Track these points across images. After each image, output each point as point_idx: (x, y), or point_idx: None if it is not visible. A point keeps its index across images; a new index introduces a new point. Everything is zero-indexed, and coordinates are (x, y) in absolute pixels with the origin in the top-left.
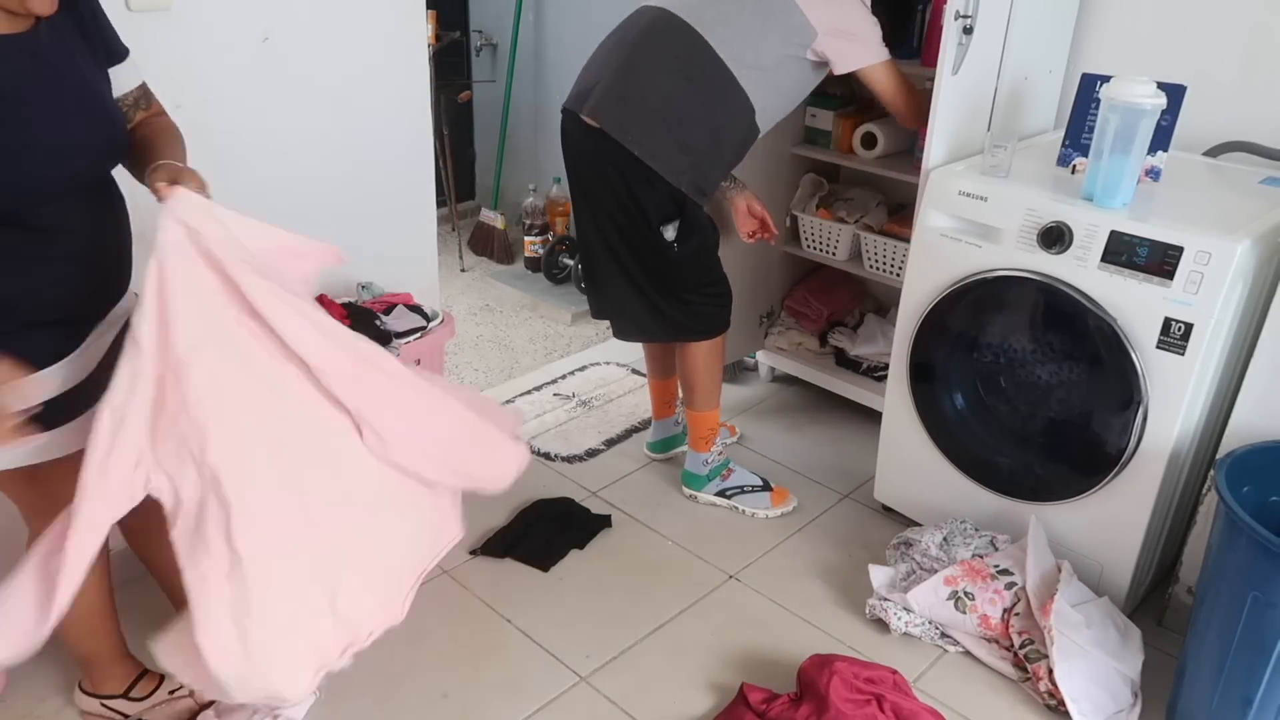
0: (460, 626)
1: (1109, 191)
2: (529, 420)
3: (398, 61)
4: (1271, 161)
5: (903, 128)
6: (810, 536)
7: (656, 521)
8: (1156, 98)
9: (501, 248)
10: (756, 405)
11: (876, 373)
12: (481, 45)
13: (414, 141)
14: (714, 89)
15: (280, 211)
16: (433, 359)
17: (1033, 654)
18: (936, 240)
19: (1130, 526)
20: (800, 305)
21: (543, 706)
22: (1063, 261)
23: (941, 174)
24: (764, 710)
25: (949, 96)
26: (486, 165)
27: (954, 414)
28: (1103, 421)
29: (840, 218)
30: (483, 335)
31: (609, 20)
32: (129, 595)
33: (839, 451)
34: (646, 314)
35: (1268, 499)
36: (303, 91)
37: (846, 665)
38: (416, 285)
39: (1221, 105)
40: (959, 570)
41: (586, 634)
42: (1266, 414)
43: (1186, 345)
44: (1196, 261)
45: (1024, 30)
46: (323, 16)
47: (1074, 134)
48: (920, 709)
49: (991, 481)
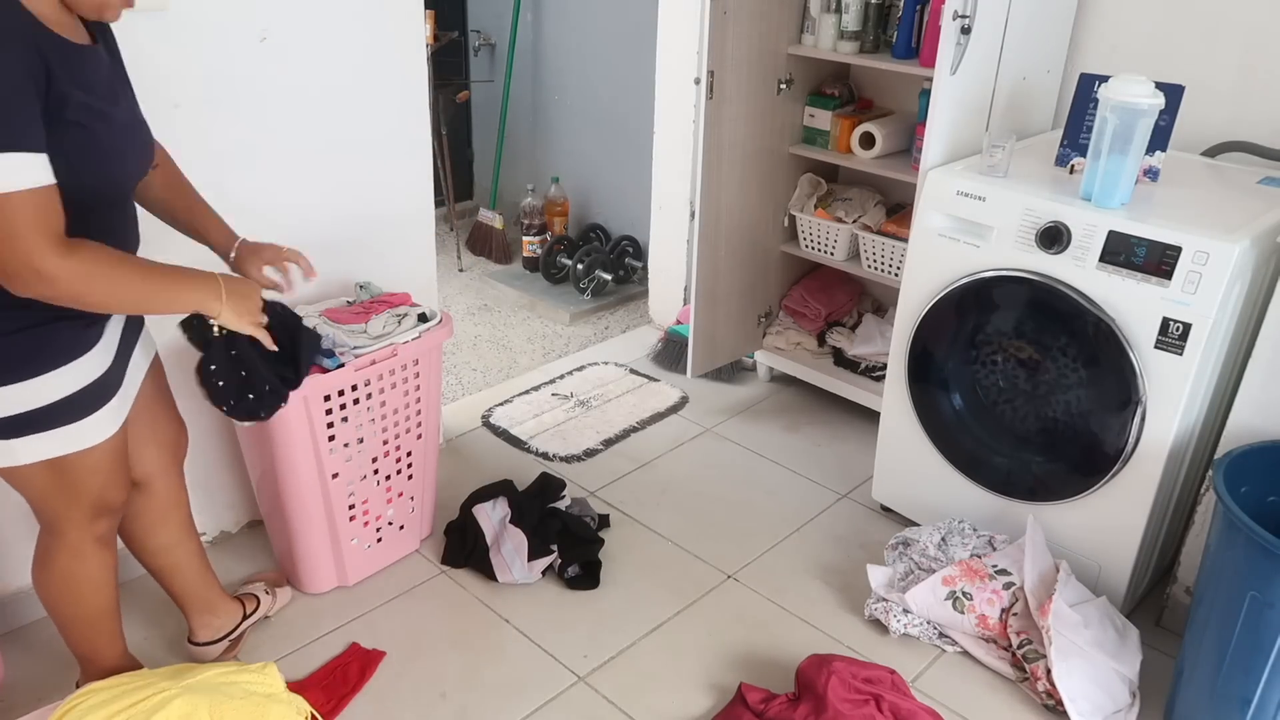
0: (459, 626)
1: (1107, 191)
2: (528, 420)
3: (396, 61)
4: (1270, 161)
5: (901, 127)
6: (808, 536)
7: (655, 521)
8: (1155, 98)
9: (499, 248)
10: (754, 405)
11: (875, 372)
12: (480, 45)
13: (412, 141)
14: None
15: (278, 211)
16: (431, 359)
17: (1031, 654)
18: (935, 240)
19: (1128, 526)
20: (798, 305)
21: (541, 706)
22: (1061, 261)
23: (940, 174)
24: (762, 710)
25: (947, 96)
26: (485, 165)
27: (952, 414)
28: (1101, 421)
29: (838, 217)
30: (481, 335)
31: (608, 20)
32: (128, 595)
33: (837, 451)
34: None
35: (1266, 499)
36: (301, 91)
37: (845, 665)
38: (414, 285)
39: (1220, 105)
40: (957, 570)
41: (585, 634)
42: (1264, 414)
43: (1185, 345)
44: (1195, 261)
45: (1022, 30)
46: (321, 16)
47: (1072, 134)
48: (918, 709)
49: (990, 481)
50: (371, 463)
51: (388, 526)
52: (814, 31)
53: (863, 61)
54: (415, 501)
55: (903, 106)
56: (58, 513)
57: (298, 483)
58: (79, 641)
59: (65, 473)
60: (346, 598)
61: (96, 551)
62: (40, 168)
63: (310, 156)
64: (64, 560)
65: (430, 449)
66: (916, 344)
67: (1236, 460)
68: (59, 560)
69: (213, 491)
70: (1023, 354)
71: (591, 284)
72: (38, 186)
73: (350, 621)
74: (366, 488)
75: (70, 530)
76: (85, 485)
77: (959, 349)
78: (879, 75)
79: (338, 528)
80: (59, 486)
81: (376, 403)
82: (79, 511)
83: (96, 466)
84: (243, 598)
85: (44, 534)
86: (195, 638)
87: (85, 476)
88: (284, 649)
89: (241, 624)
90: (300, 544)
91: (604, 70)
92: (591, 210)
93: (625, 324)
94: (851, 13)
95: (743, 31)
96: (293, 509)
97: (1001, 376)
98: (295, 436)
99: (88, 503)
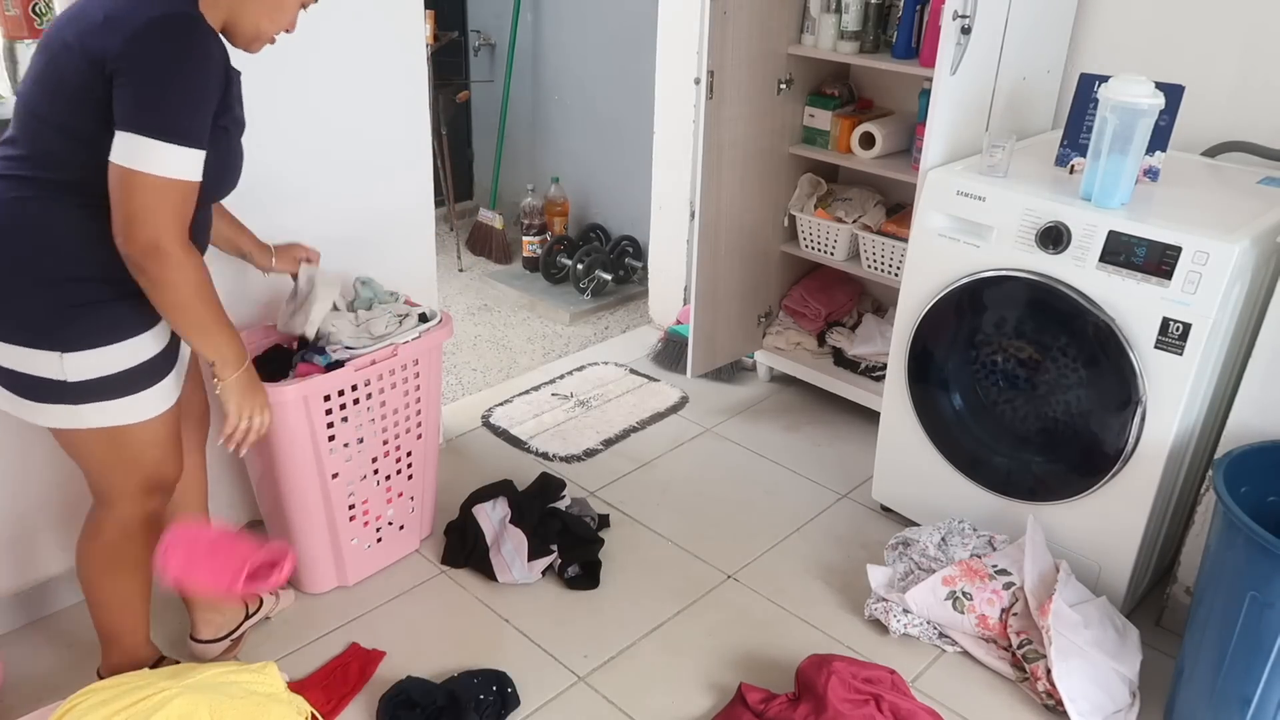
0: (459, 626)
1: (1107, 191)
2: (528, 420)
3: (396, 61)
4: (1269, 161)
5: (901, 127)
6: (808, 536)
7: (655, 521)
8: (1154, 97)
9: (499, 248)
10: (754, 405)
11: (875, 372)
12: (480, 45)
13: (412, 141)
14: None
15: (277, 211)
16: (431, 359)
17: (1031, 654)
18: (934, 240)
19: (1128, 526)
20: (798, 305)
21: (541, 706)
22: (1061, 261)
23: (940, 174)
24: (762, 710)
25: (947, 96)
26: (484, 165)
27: (952, 414)
28: (1101, 421)
29: (838, 217)
30: (481, 335)
31: (607, 20)
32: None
33: (837, 451)
34: None
35: (1265, 499)
36: (301, 91)
37: (844, 665)
38: (414, 285)
39: (1219, 105)
40: (957, 570)
41: (584, 634)
42: (1264, 414)
43: (1184, 345)
44: (1194, 261)
45: (1022, 30)
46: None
47: (1072, 134)
48: (918, 709)
49: (989, 481)
50: (371, 463)
51: (388, 526)
52: (814, 31)
53: (863, 61)
54: (415, 501)
55: (903, 106)
56: (114, 484)
57: (298, 483)
58: (109, 621)
59: (125, 444)
60: (346, 598)
61: (143, 531)
62: (198, 164)
63: (310, 157)
64: (113, 534)
65: (430, 449)
66: (916, 344)
67: (1236, 460)
68: (108, 534)
69: (213, 491)
70: (1023, 354)
71: (591, 284)
72: (191, 180)
73: (350, 621)
74: (366, 488)
75: (124, 503)
76: (143, 458)
77: (959, 349)
78: (879, 75)
79: (338, 528)
80: (118, 458)
81: (376, 403)
82: (134, 484)
83: (155, 439)
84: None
85: (96, 508)
86: (197, 634)
87: (143, 449)
88: (284, 649)
89: (243, 623)
90: (300, 544)
91: (604, 70)
92: (591, 210)
93: (625, 324)
94: (851, 13)
95: (743, 31)
96: (293, 509)
97: (1001, 376)
98: (295, 436)
99: (143, 475)
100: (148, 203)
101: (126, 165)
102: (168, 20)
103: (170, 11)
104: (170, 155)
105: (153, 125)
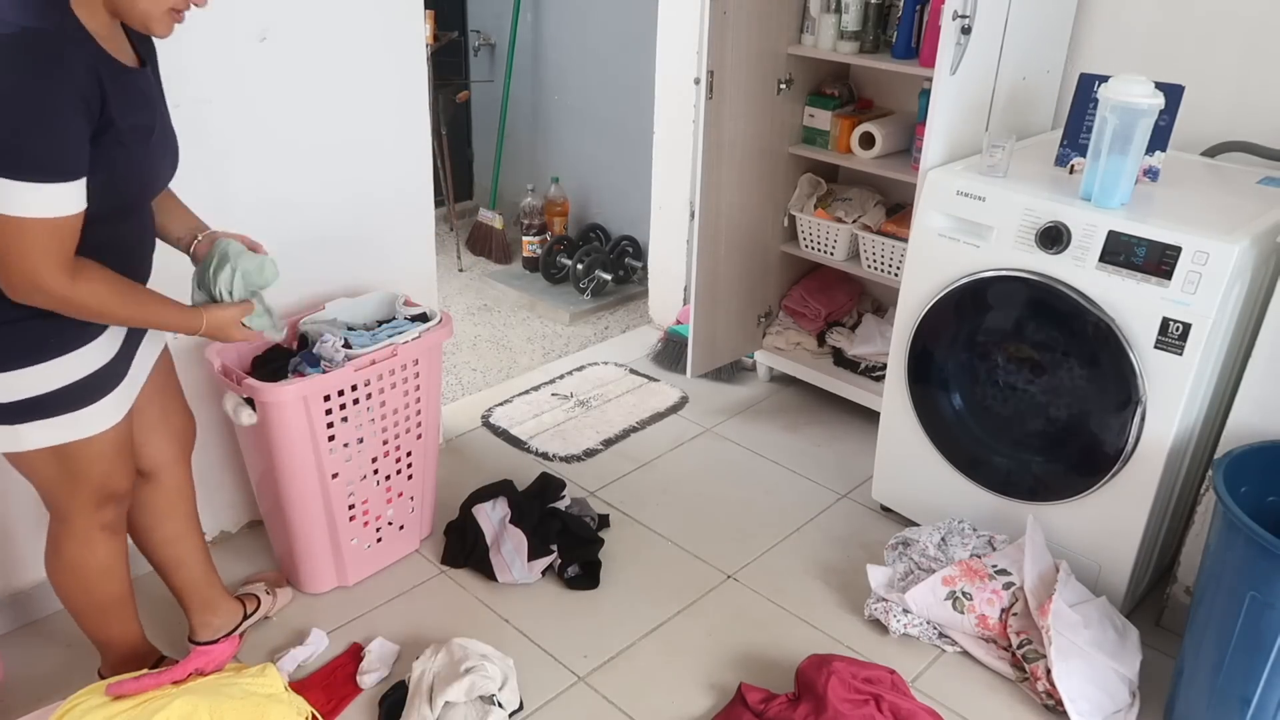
0: (459, 627)
1: (1107, 191)
2: (528, 420)
3: (395, 61)
4: (1269, 161)
5: (901, 127)
6: (808, 536)
7: (655, 521)
8: (1154, 98)
9: (499, 248)
10: (754, 405)
11: (874, 372)
12: (480, 45)
13: (412, 141)
14: None
15: (277, 211)
16: (431, 359)
17: (1031, 654)
18: (934, 240)
19: (1128, 526)
20: (798, 305)
21: (541, 706)
22: (1061, 261)
23: (939, 174)
24: (762, 710)
25: (947, 96)
26: (484, 165)
27: (952, 414)
28: (1101, 421)
29: (838, 217)
30: (480, 335)
31: (607, 20)
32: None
33: (837, 451)
34: None
35: (1265, 499)
36: (300, 91)
37: (844, 665)
38: (414, 285)
39: (1219, 105)
40: (957, 570)
41: (584, 634)
42: (1264, 414)
43: (1184, 345)
44: (1194, 261)
45: (1022, 30)
46: (320, 16)
47: (1072, 134)
48: (918, 709)
49: (989, 481)
50: (371, 463)
51: (387, 526)
52: (814, 31)
53: (863, 61)
54: (415, 501)
55: (903, 106)
56: (63, 500)
57: (298, 483)
58: (94, 628)
59: (70, 460)
60: (346, 598)
61: (104, 539)
62: (69, 196)
63: (310, 156)
64: (72, 548)
65: (430, 449)
66: (916, 344)
67: (1236, 460)
68: (67, 548)
69: (213, 491)
70: (1022, 354)
71: (591, 284)
72: (60, 216)
73: (350, 621)
74: (366, 488)
75: (76, 518)
76: (89, 473)
77: (959, 349)
78: (879, 75)
79: (338, 528)
80: (64, 474)
81: (376, 403)
82: (84, 499)
83: (100, 454)
84: (243, 598)
85: (53, 522)
86: (195, 637)
87: (89, 464)
88: (284, 649)
89: (242, 624)
90: (300, 544)
91: (604, 70)
92: (591, 210)
93: (625, 324)
94: (851, 13)
95: (743, 31)
96: (293, 509)
97: (1001, 376)
98: (295, 436)
99: (92, 490)
100: (13, 246)
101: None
102: (6, 44)
103: (7, 32)
104: (30, 195)
105: (4, 165)
